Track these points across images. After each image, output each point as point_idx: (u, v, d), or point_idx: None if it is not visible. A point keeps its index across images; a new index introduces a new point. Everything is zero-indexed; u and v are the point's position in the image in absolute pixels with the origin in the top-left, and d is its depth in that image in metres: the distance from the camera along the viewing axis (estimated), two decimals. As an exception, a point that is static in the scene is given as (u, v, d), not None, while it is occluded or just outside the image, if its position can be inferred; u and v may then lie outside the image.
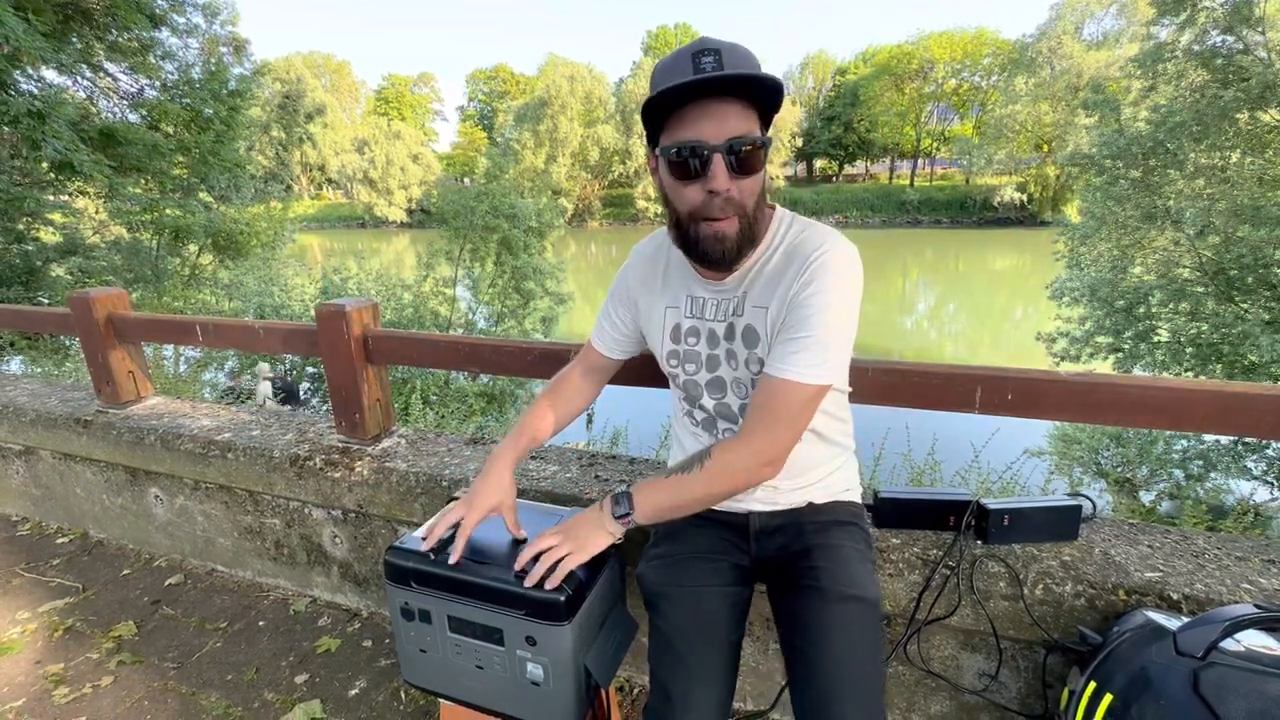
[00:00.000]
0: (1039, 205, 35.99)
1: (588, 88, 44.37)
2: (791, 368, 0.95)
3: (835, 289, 0.95)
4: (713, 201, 0.91)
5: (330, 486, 1.79)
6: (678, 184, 0.93)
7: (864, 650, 0.95)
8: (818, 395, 0.98)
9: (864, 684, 0.92)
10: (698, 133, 0.88)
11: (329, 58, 60.58)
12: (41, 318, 2.73)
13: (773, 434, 0.97)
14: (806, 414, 0.99)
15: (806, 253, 0.97)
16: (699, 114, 0.87)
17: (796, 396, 0.96)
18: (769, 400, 0.97)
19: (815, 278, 0.95)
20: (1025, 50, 34.67)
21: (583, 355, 1.30)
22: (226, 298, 10.42)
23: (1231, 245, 6.88)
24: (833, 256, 0.96)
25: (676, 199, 0.95)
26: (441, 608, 1.11)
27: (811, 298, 0.95)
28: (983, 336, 17.80)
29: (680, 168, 0.90)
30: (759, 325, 1.02)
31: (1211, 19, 7.50)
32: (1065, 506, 1.29)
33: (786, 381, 0.95)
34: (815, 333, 0.95)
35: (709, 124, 0.87)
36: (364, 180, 47.77)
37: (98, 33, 8.14)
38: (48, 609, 1.98)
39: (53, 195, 8.16)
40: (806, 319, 0.95)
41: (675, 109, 0.89)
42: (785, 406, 0.96)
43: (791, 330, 0.97)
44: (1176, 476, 6.49)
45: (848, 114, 46.04)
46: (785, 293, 0.98)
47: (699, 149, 0.88)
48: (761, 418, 0.98)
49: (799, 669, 0.95)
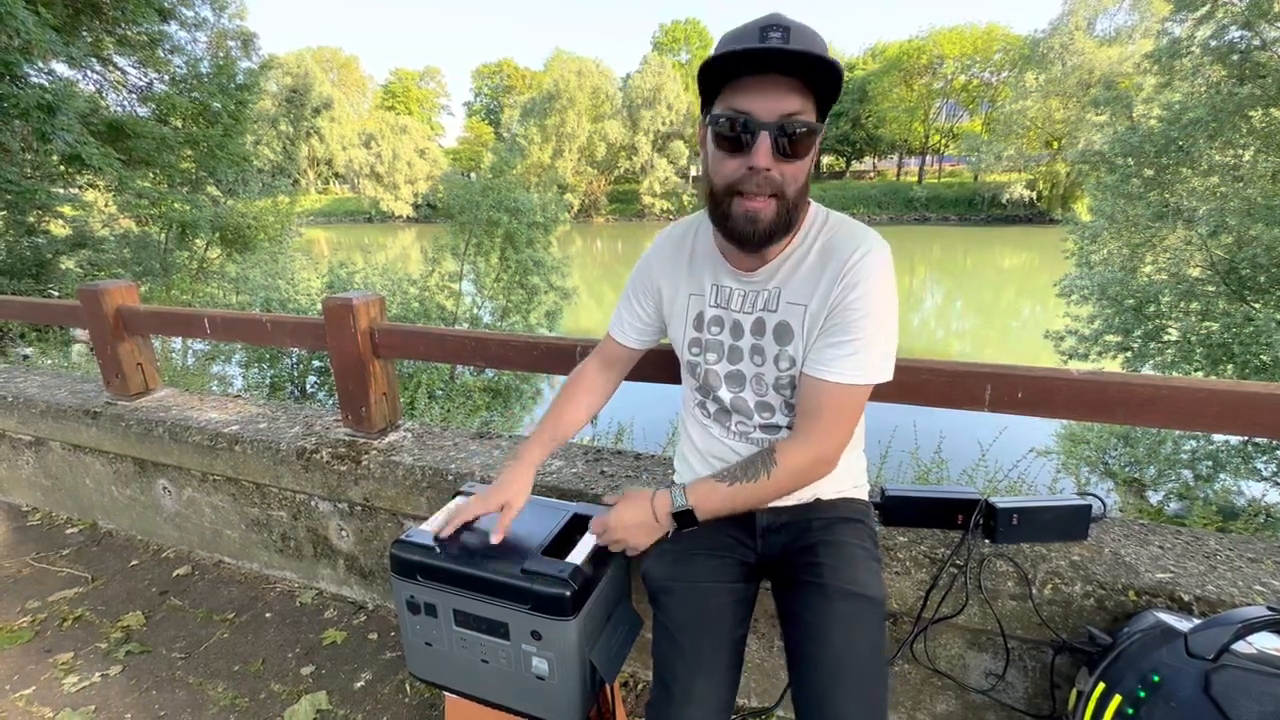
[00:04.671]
0: (1048, 203, 35.66)
1: (595, 83, 44.21)
2: (846, 370, 0.97)
3: (880, 290, 0.96)
4: (751, 178, 0.89)
5: (337, 479, 1.80)
6: (721, 155, 0.91)
7: (865, 647, 0.94)
8: (866, 394, 1.01)
9: (864, 681, 0.91)
10: (750, 105, 0.85)
11: (337, 52, 60.62)
12: (51, 310, 2.75)
13: (831, 436, 1.00)
14: (857, 413, 1.02)
15: (847, 252, 0.97)
16: (755, 87, 0.85)
17: (852, 398, 0.99)
18: (825, 403, 0.99)
19: (861, 279, 0.95)
20: (1036, 46, 34.28)
21: (600, 348, 1.29)
22: (234, 291, 10.48)
23: (1244, 244, 6.80)
24: (873, 259, 0.96)
25: (716, 171, 0.93)
26: (447, 601, 1.12)
27: (860, 300, 0.95)
28: (990, 335, 17.69)
29: (726, 139, 0.89)
30: (795, 322, 1.01)
31: (1230, 14, 7.40)
32: (1075, 506, 1.28)
33: (841, 385, 0.97)
34: (862, 335, 0.96)
35: (763, 99, 0.85)
36: (371, 175, 47.86)
37: (107, 26, 8.18)
38: (57, 598, 2.00)
39: (62, 188, 8.22)
40: (854, 322, 0.96)
41: (733, 78, 0.87)
42: (843, 409, 0.99)
43: (837, 334, 0.97)
44: (1185, 477, 6.44)
45: (855, 110, 45.67)
46: (827, 293, 0.97)
47: (749, 123, 0.86)
48: (817, 419, 1.00)
49: (799, 665, 0.95)
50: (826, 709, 0.89)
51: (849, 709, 0.88)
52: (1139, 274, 7.96)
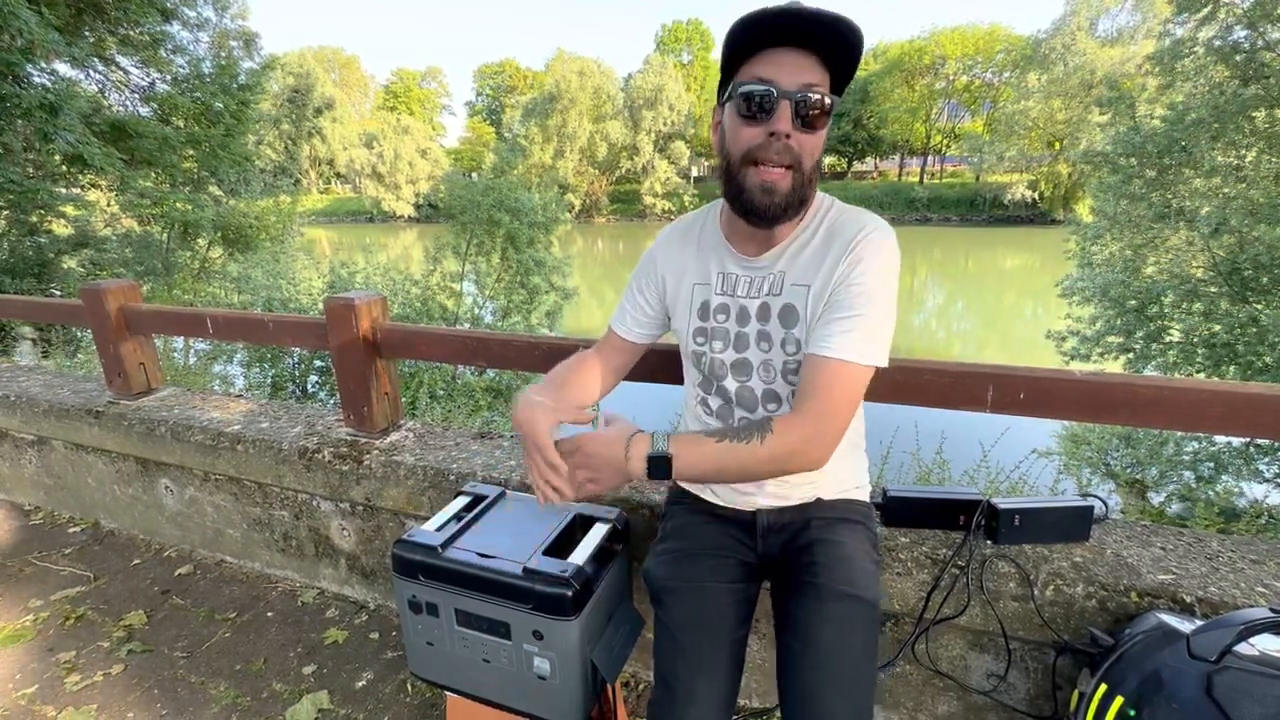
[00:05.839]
0: (1050, 203, 35.59)
1: (596, 83, 44.18)
2: (846, 346, 0.92)
3: (882, 270, 0.95)
4: (771, 145, 0.90)
5: (338, 479, 1.80)
6: (740, 123, 0.92)
7: (856, 648, 0.94)
8: (867, 377, 0.95)
9: (852, 683, 0.91)
10: (774, 74, 0.88)
11: (338, 52, 60.70)
12: (54, 309, 2.75)
13: (829, 418, 0.92)
14: (858, 396, 0.95)
15: (851, 233, 0.97)
16: (777, 57, 0.88)
17: (852, 378, 0.93)
18: (823, 380, 0.93)
19: (863, 257, 0.95)
20: (1038, 46, 34.24)
21: (601, 341, 1.25)
22: (235, 291, 10.49)
23: (1247, 245, 6.79)
24: (878, 237, 0.96)
25: (734, 141, 0.94)
26: (449, 601, 1.12)
27: (861, 277, 0.94)
28: (992, 335, 17.66)
29: (748, 107, 0.90)
30: (799, 304, 1.00)
31: (1232, 15, 7.38)
32: (1077, 507, 1.28)
33: (842, 362, 0.92)
34: (865, 311, 0.93)
35: (785, 70, 0.88)
36: (372, 175, 47.86)
37: (109, 26, 8.19)
38: (59, 597, 2.00)
39: (65, 188, 8.24)
40: (856, 298, 0.94)
41: (753, 52, 0.89)
42: (841, 388, 0.93)
43: (839, 310, 0.95)
44: (1187, 478, 6.42)
45: (857, 110, 45.64)
46: (830, 271, 0.97)
47: (771, 91, 0.88)
48: (818, 398, 0.93)
49: (788, 662, 0.95)
50: (812, 707, 0.89)
51: (836, 707, 0.88)
52: (1141, 275, 7.94)
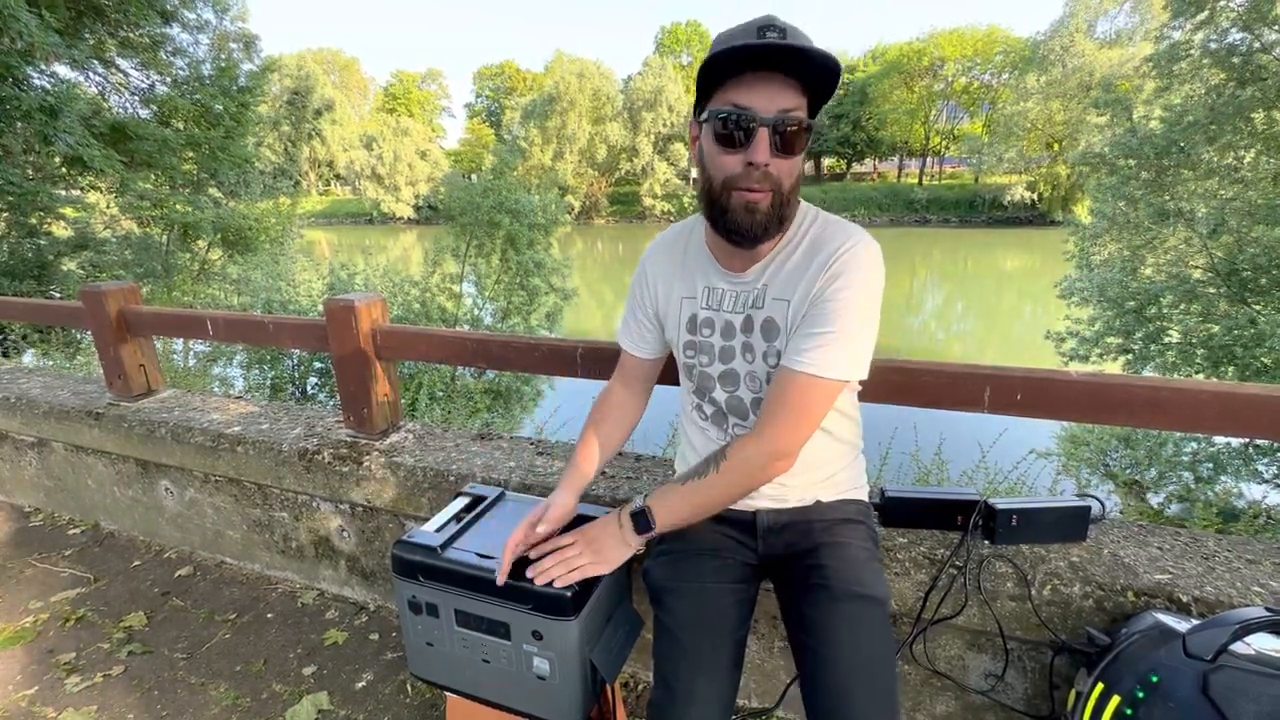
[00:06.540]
0: (1049, 205, 35.64)
1: (596, 85, 44.22)
2: (811, 361, 0.94)
3: (860, 285, 0.95)
4: (751, 173, 0.90)
5: (338, 480, 1.80)
6: (719, 151, 0.92)
7: (877, 649, 0.94)
8: (835, 391, 0.97)
9: (878, 683, 0.91)
10: (750, 100, 0.88)
11: (338, 54, 60.71)
12: (54, 311, 2.76)
13: (788, 428, 0.97)
14: (823, 409, 0.98)
15: (832, 247, 0.97)
16: (754, 83, 0.88)
17: (814, 391, 0.95)
18: (786, 394, 0.96)
19: (841, 273, 0.95)
20: (1037, 48, 34.32)
21: (619, 365, 1.28)
22: (235, 293, 10.50)
23: (1245, 246, 6.80)
24: (859, 251, 0.96)
25: (714, 167, 0.94)
26: (449, 602, 1.12)
27: (837, 293, 0.95)
28: (991, 336, 17.67)
29: (725, 135, 0.90)
30: (779, 318, 1.01)
31: (1229, 17, 7.41)
32: (1074, 507, 1.28)
33: (806, 376, 0.95)
34: (838, 327, 0.94)
35: (761, 95, 0.87)
36: (372, 176, 47.89)
37: (109, 28, 8.20)
38: (59, 599, 2.00)
39: (64, 190, 8.24)
40: (830, 314, 0.95)
41: (731, 75, 0.89)
42: (802, 400, 0.96)
43: (814, 324, 0.96)
44: (1186, 479, 6.43)
45: (856, 112, 45.68)
46: (809, 286, 0.97)
47: (747, 118, 0.88)
48: (777, 411, 0.97)
49: (812, 667, 0.95)
50: (845, 709, 0.89)
51: (869, 707, 0.89)
52: (1140, 276, 7.95)
